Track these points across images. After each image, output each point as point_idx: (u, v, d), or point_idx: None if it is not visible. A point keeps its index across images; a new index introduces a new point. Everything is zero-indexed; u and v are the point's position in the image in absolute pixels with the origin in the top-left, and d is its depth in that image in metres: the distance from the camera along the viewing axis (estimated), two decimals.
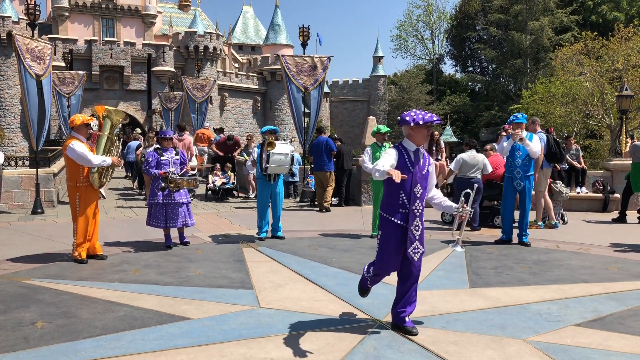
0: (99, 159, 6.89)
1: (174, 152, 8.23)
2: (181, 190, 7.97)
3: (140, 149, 15.27)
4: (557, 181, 11.14)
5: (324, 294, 5.61)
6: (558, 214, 10.81)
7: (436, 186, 4.71)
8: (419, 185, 4.31)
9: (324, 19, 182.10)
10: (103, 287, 5.80)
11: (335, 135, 14.79)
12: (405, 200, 4.31)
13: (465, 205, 4.58)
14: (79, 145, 6.87)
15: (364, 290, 4.77)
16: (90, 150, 6.96)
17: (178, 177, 7.82)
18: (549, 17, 46.44)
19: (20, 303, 5.22)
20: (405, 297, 4.47)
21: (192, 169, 12.77)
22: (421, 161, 4.37)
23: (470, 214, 4.57)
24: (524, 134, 8.46)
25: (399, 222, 4.32)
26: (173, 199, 7.90)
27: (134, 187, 17.62)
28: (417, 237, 4.34)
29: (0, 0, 39.24)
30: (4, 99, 37.83)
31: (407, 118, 4.34)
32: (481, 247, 8.20)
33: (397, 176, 3.98)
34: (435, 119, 4.33)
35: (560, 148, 9.94)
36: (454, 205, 4.60)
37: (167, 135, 8.36)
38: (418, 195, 4.31)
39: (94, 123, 7.36)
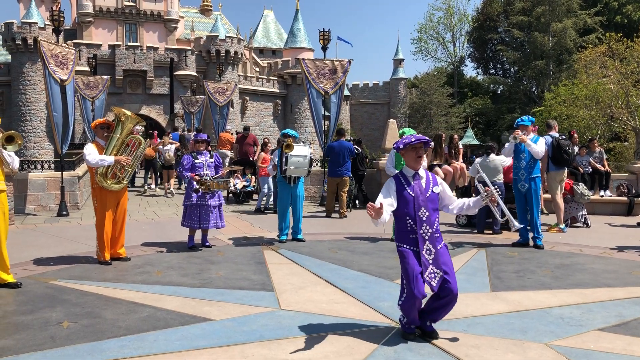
0: (95, 158, 6.91)
1: (209, 155, 8.34)
2: (215, 193, 8.08)
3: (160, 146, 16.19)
4: (580, 183, 11.01)
5: (344, 297, 5.63)
6: (581, 216, 10.69)
7: (456, 188, 4.70)
8: (423, 209, 4.28)
9: (344, 22, 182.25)
10: (127, 288, 5.90)
11: (355, 139, 14.82)
12: (413, 225, 4.28)
13: (486, 189, 4.63)
14: (88, 147, 7.03)
15: (406, 334, 4.43)
16: (100, 152, 7.06)
17: (209, 179, 7.92)
18: (573, 19, 45.85)
19: (46, 303, 5.34)
20: (434, 309, 4.36)
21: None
22: (423, 184, 4.36)
23: (497, 191, 4.57)
24: (531, 136, 8.48)
25: (411, 248, 4.28)
26: (206, 201, 8.01)
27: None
28: (431, 262, 4.25)
29: (27, 6, 40.04)
30: (30, 104, 38.57)
31: (394, 145, 4.46)
32: (502, 251, 8.14)
33: (375, 214, 4.07)
34: (413, 139, 4.28)
35: (562, 151, 9.76)
36: (479, 197, 4.57)
37: (201, 138, 8.46)
38: (424, 218, 4.27)
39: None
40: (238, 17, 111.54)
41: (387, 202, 4.25)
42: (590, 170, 13.17)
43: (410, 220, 4.29)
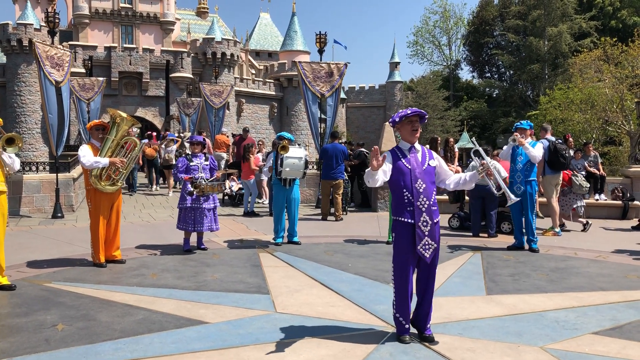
0: (90, 160, 6.89)
1: (204, 157, 8.31)
2: (210, 196, 8.06)
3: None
4: (578, 174, 10.95)
5: (340, 300, 5.63)
6: (580, 208, 10.70)
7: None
8: (419, 180, 4.33)
9: (340, 25, 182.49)
10: (122, 291, 5.88)
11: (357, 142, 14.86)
12: (410, 197, 4.32)
13: (482, 162, 4.66)
14: (83, 149, 7.01)
15: (401, 337, 4.38)
16: (95, 153, 7.03)
17: (203, 182, 7.89)
18: (568, 23, 46.12)
19: (41, 306, 5.32)
20: (424, 301, 4.42)
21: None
22: (419, 157, 4.41)
23: (491, 163, 4.58)
24: (529, 140, 8.52)
25: (407, 220, 4.32)
26: (201, 204, 7.99)
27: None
28: (427, 233, 4.30)
29: (22, 7, 39.95)
30: (25, 105, 38.45)
31: (390, 120, 4.53)
32: (498, 254, 8.15)
33: (376, 161, 4.12)
34: (409, 112, 4.37)
35: (559, 155, 9.81)
36: (475, 171, 4.60)
37: (196, 140, 8.44)
38: (421, 190, 4.32)
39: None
40: (234, 19, 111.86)
41: (381, 169, 4.32)
42: (585, 174, 13.21)
43: (407, 193, 4.33)
